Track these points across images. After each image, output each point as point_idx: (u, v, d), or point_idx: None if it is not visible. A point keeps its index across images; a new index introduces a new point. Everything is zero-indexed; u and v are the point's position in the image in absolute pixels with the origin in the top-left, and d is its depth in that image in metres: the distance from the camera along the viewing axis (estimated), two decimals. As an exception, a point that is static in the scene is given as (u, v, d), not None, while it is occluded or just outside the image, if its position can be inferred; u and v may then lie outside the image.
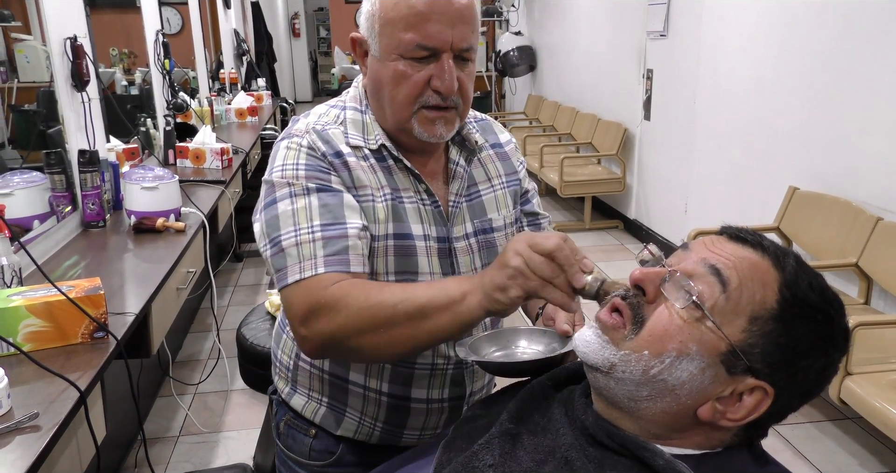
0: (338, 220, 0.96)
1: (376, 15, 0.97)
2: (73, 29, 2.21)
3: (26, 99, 2.26)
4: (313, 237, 0.94)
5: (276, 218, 0.97)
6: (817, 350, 0.70)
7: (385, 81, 0.99)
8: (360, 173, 1.01)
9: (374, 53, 1.00)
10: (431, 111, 0.99)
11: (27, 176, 2.00)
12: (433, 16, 0.94)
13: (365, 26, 1.01)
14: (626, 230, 4.85)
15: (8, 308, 1.26)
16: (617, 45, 4.88)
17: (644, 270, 0.75)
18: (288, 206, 0.97)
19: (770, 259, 0.72)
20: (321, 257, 0.93)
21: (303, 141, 1.02)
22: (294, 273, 0.93)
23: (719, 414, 0.71)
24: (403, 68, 0.96)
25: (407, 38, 0.95)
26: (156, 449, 2.37)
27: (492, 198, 1.14)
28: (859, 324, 2.01)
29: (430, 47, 0.95)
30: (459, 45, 0.96)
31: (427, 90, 0.97)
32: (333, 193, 0.99)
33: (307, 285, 0.92)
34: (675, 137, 4.08)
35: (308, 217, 0.96)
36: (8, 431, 1.05)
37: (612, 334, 0.74)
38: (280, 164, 1.01)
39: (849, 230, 2.59)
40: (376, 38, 0.98)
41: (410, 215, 1.04)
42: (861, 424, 2.44)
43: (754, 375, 0.70)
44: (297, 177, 0.98)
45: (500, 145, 1.19)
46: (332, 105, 1.09)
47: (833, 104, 2.73)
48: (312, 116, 1.07)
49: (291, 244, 0.94)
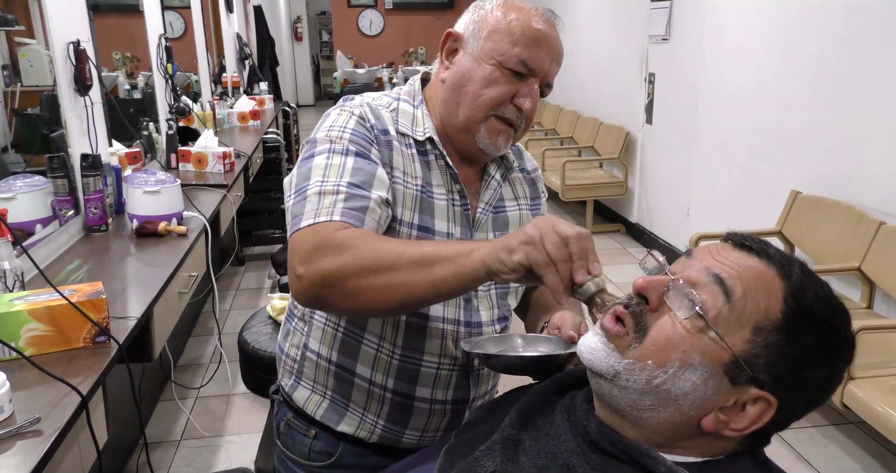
0: (366, 184, 0.98)
1: (490, 21, 1.03)
2: (76, 33, 2.21)
3: (29, 103, 2.27)
4: (338, 189, 0.96)
5: (308, 170, 1.00)
6: (822, 361, 0.70)
7: (475, 78, 1.03)
8: (399, 157, 1.05)
9: (470, 52, 1.04)
10: (501, 123, 1.04)
11: (30, 180, 2.01)
12: (542, 44, 1.01)
13: (470, 27, 1.05)
14: (628, 234, 4.85)
15: (10, 313, 1.26)
16: (619, 49, 4.88)
17: (647, 278, 0.74)
18: (324, 160, 1.00)
19: (775, 268, 0.71)
20: (340, 207, 0.95)
21: (355, 110, 1.06)
22: (309, 218, 0.94)
23: (722, 424, 0.71)
24: (496, 75, 1.01)
25: (515, 51, 1.00)
26: (158, 453, 2.37)
27: (516, 216, 1.18)
28: (862, 329, 2.01)
29: (530, 68, 1.01)
30: (548, 77, 1.04)
31: (508, 102, 1.03)
32: (370, 160, 1.01)
33: (318, 228, 0.93)
34: (678, 140, 4.08)
35: (339, 173, 0.98)
36: (10, 436, 1.04)
37: (617, 341, 0.73)
38: (329, 124, 1.04)
39: (851, 235, 2.59)
40: (481, 40, 1.03)
41: (438, 211, 1.07)
42: (864, 428, 2.43)
43: (758, 385, 0.69)
44: (341, 138, 1.02)
45: (528, 171, 1.25)
46: (386, 94, 1.13)
47: (835, 108, 2.73)
48: (367, 97, 1.11)
49: (315, 193, 0.96)
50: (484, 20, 1.03)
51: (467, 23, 1.06)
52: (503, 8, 1.04)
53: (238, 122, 4.77)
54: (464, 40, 1.05)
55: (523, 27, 1.01)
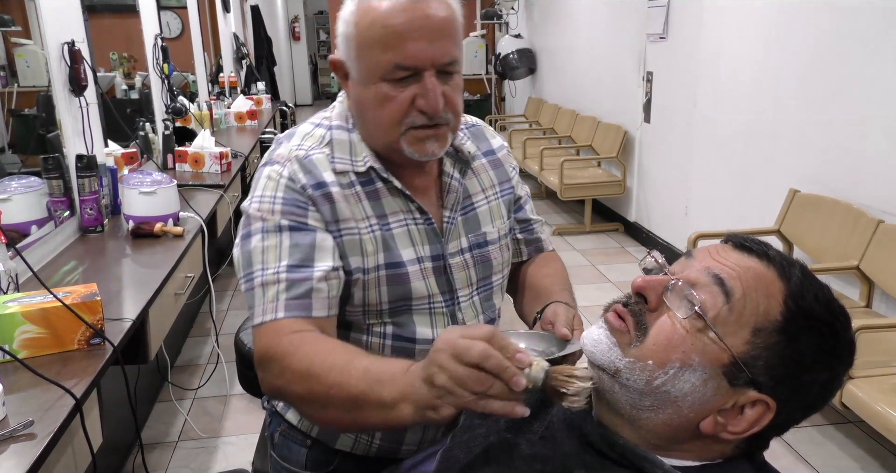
0: (305, 262, 0.95)
1: (352, 38, 0.94)
2: (70, 34, 2.20)
3: (26, 103, 2.26)
4: (278, 278, 0.94)
5: (249, 253, 0.97)
6: (821, 364, 0.69)
7: (368, 104, 0.96)
8: (344, 206, 0.99)
9: (354, 77, 0.97)
10: (420, 131, 0.95)
11: (25, 181, 2.00)
12: (411, 34, 0.90)
13: (342, 49, 0.97)
14: (627, 233, 4.84)
15: (4, 315, 1.26)
16: (617, 48, 4.88)
17: (646, 278, 0.74)
18: (259, 242, 0.96)
19: (775, 269, 0.71)
20: (283, 300, 0.93)
21: (283, 170, 0.99)
22: (258, 315, 0.94)
23: (720, 427, 0.70)
24: (386, 91, 0.93)
25: (385, 60, 0.91)
26: (155, 454, 2.36)
27: (486, 210, 1.12)
28: (861, 328, 2.00)
29: (409, 67, 0.91)
30: (441, 60, 0.92)
31: (412, 111, 0.94)
32: (306, 231, 0.96)
33: (266, 330, 0.93)
34: (676, 139, 4.08)
35: (277, 256, 0.95)
36: (2, 439, 1.04)
37: (619, 337, 0.73)
38: (259, 194, 0.99)
39: (850, 233, 2.58)
40: (355, 61, 0.95)
41: (400, 241, 1.02)
42: (863, 428, 2.43)
43: (757, 388, 0.69)
44: (272, 211, 0.97)
45: (493, 152, 1.16)
46: (318, 124, 1.06)
47: (833, 106, 2.73)
48: (296, 138, 1.04)
49: (258, 284, 0.95)
50: (348, 39, 0.95)
51: (340, 45, 0.97)
52: (357, 15, 0.93)
53: (235, 122, 4.76)
54: (346, 67, 0.98)
55: (383, 29, 0.90)
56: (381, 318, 1.04)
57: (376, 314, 1.03)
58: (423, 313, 1.05)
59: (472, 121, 1.18)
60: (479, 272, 1.09)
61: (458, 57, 0.94)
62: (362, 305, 1.02)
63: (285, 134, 1.06)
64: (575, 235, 4.83)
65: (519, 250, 1.23)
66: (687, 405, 0.70)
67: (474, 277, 1.09)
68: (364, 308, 1.03)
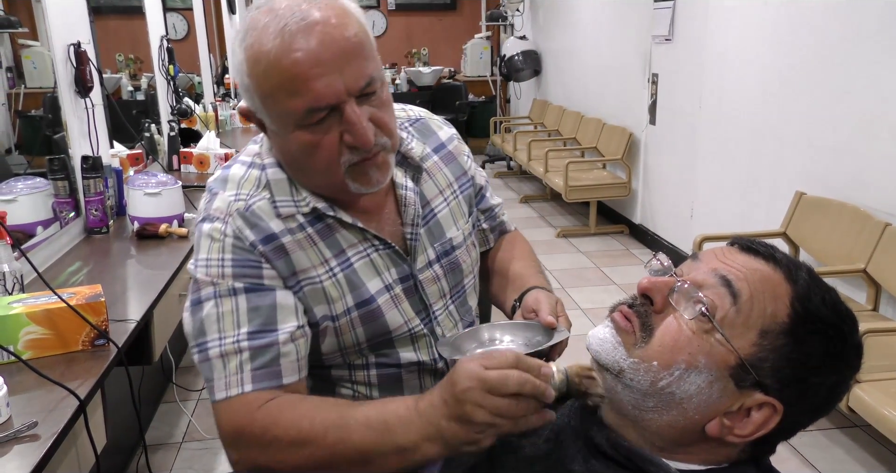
0: (267, 326, 0.88)
1: (251, 90, 0.85)
2: (76, 35, 2.21)
3: (33, 105, 2.27)
4: (239, 347, 0.87)
5: (201, 322, 0.89)
6: (828, 367, 0.69)
7: (296, 154, 0.88)
8: (300, 255, 0.92)
9: (270, 128, 0.89)
10: (360, 165, 0.88)
11: (31, 182, 2.00)
12: (313, 71, 0.79)
13: (246, 100, 0.89)
14: (632, 235, 4.83)
15: (8, 316, 1.26)
16: (622, 50, 4.87)
17: (652, 279, 0.74)
18: (213, 309, 0.88)
19: (782, 272, 0.70)
20: (248, 371, 0.86)
21: (226, 229, 0.90)
22: (220, 390, 0.86)
23: (726, 430, 0.70)
24: (307, 138, 0.84)
25: (295, 107, 0.82)
26: (159, 455, 2.36)
27: (447, 213, 1.06)
28: (868, 331, 1.98)
29: (324, 107, 0.82)
30: (357, 85, 0.82)
31: (343, 150, 0.86)
32: (264, 292, 0.89)
33: (233, 405, 0.85)
34: (681, 141, 4.07)
35: (235, 323, 0.87)
36: (6, 440, 1.04)
37: (625, 337, 0.73)
38: (204, 257, 0.90)
39: (856, 236, 2.57)
40: (265, 112, 0.86)
41: (364, 273, 0.96)
42: (870, 432, 2.41)
43: (763, 390, 0.68)
44: (222, 275, 0.89)
45: (444, 145, 1.09)
46: (249, 164, 0.96)
47: (840, 108, 2.71)
48: (231, 185, 0.94)
49: (217, 355, 0.87)
50: (248, 91, 0.85)
51: (242, 94, 0.89)
52: (249, 65, 0.83)
53: (241, 123, 4.77)
54: (257, 116, 0.89)
55: (281, 75, 0.80)
56: (362, 355, 1.01)
57: (356, 353, 1.00)
58: (404, 340, 1.02)
59: (414, 115, 1.11)
60: (451, 280, 1.06)
61: (374, 74, 0.84)
62: (339, 349, 0.98)
63: (217, 180, 0.97)
64: (580, 237, 4.82)
65: (486, 238, 1.20)
66: (692, 407, 0.69)
67: (446, 287, 1.05)
68: (341, 351, 0.99)
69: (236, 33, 0.86)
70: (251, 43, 0.82)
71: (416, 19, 8.53)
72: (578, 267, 4.21)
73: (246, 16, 0.86)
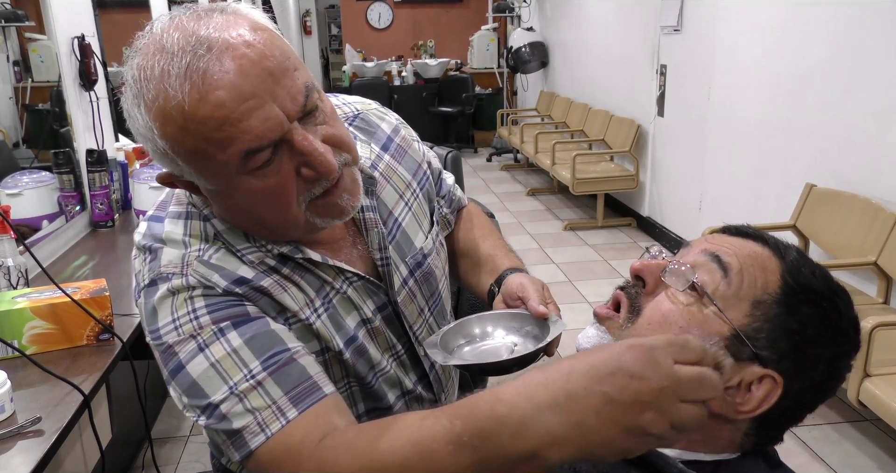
0: (275, 349, 0.74)
1: (170, 153, 0.69)
2: (80, 28, 2.20)
3: (40, 98, 2.27)
4: (257, 381, 0.71)
5: (195, 383, 0.72)
6: (826, 339, 0.69)
7: (247, 209, 0.74)
8: (283, 296, 0.79)
9: (205, 187, 0.73)
10: (324, 197, 0.74)
11: (36, 176, 2.00)
12: (238, 108, 0.65)
13: (167, 166, 0.73)
14: (640, 228, 4.80)
15: (13, 310, 1.26)
16: (630, 41, 4.83)
17: (644, 261, 0.75)
18: (203, 363, 0.72)
19: (771, 249, 0.72)
20: (281, 397, 0.70)
21: (188, 281, 0.75)
22: (256, 434, 0.69)
23: (729, 406, 0.69)
24: (258, 184, 0.70)
25: (230, 157, 0.67)
26: (166, 449, 2.37)
27: (411, 219, 0.95)
28: (879, 325, 1.96)
29: (266, 145, 0.67)
30: (295, 106, 0.68)
31: (303, 186, 0.72)
32: (255, 321, 0.75)
33: (281, 445, 0.69)
34: (690, 133, 4.03)
35: (238, 363, 0.72)
36: (10, 435, 1.04)
37: (608, 323, 0.74)
38: (169, 320, 0.74)
39: (867, 228, 2.54)
40: (194, 174, 0.71)
41: (342, 310, 0.85)
42: (880, 426, 2.39)
43: (761, 363, 0.68)
44: (199, 327, 0.73)
45: (391, 139, 0.96)
46: (187, 216, 0.80)
47: (851, 99, 2.68)
48: (173, 244, 0.78)
49: (234, 404, 0.70)
50: (167, 153, 0.69)
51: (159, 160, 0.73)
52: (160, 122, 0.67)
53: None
54: (185, 178, 0.73)
55: (203, 124, 0.65)
56: (353, 405, 0.90)
57: (349, 400, 0.89)
58: (386, 376, 0.92)
59: (351, 110, 0.96)
60: (426, 292, 0.96)
61: (309, 84, 0.70)
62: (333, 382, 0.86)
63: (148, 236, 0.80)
64: (587, 229, 4.80)
65: (448, 221, 1.10)
66: None
67: (422, 301, 0.96)
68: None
69: (125, 91, 0.70)
70: (153, 97, 0.66)
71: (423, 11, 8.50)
72: (585, 260, 4.19)
73: (128, 67, 0.69)
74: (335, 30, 15.26)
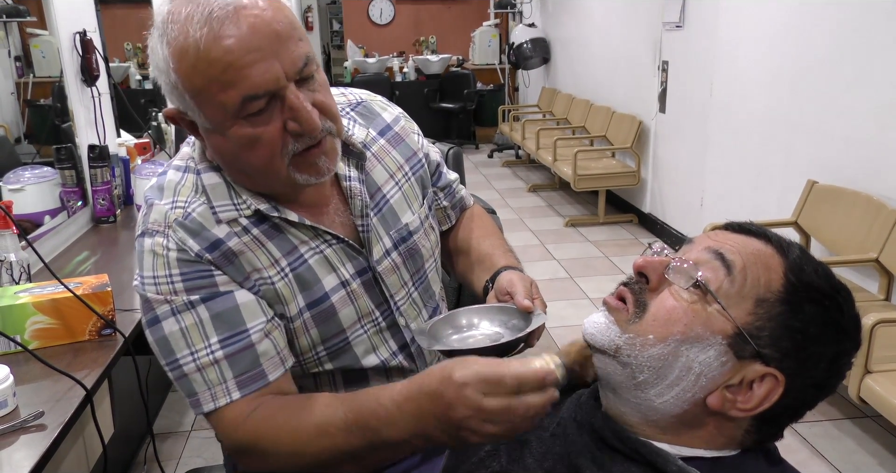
0: (236, 328, 0.86)
1: (179, 87, 0.80)
2: (82, 23, 2.20)
3: (42, 94, 2.27)
4: (214, 358, 0.86)
5: (165, 340, 0.87)
6: (828, 337, 0.69)
7: (235, 152, 0.83)
8: (249, 256, 0.89)
9: (204, 126, 0.84)
10: (304, 155, 0.84)
11: (38, 171, 2.00)
12: (247, 57, 0.75)
13: (174, 101, 0.84)
14: (641, 225, 4.80)
15: (15, 305, 1.26)
16: (632, 37, 4.82)
17: (647, 257, 0.75)
18: (174, 325, 0.86)
19: (774, 247, 0.72)
20: (231, 379, 0.86)
21: (168, 242, 0.87)
22: (207, 401, 0.86)
23: (729, 404, 0.69)
24: (247, 131, 0.80)
25: (230, 99, 0.77)
26: (168, 444, 2.38)
27: (400, 198, 1.02)
28: (880, 321, 1.97)
29: (262, 94, 0.78)
30: (295, 66, 0.79)
31: (288, 139, 0.81)
32: (223, 297, 0.87)
33: (225, 416, 0.86)
34: (691, 130, 4.03)
35: (202, 335, 0.86)
36: (13, 430, 1.04)
37: (617, 315, 0.74)
38: (151, 275, 0.87)
39: (869, 225, 2.54)
40: (196, 111, 0.81)
41: (320, 271, 0.93)
42: (881, 423, 2.40)
43: (764, 361, 0.68)
44: (174, 292, 0.86)
45: (390, 127, 1.05)
46: (184, 169, 0.93)
47: (853, 95, 2.67)
48: (167, 193, 0.90)
49: (193, 370, 0.86)
50: (176, 89, 0.81)
51: (167, 94, 0.84)
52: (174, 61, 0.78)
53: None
54: (188, 117, 0.85)
55: (212, 64, 0.76)
56: (321, 365, 0.98)
57: (315, 361, 0.98)
58: (360, 340, 0.99)
59: (354, 98, 1.06)
60: (411, 267, 1.03)
61: (310, 53, 0.81)
62: (296, 355, 0.96)
63: (152, 188, 0.93)
64: (588, 226, 4.80)
65: (447, 216, 1.17)
66: (692, 379, 0.69)
67: (406, 275, 1.02)
68: (300, 359, 0.97)
69: (153, 29, 0.81)
70: (174, 36, 0.77)
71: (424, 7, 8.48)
72: (587, 256, 4.19)
73: (160, 9, 0.80)
74: (337, 25, 15.23)
